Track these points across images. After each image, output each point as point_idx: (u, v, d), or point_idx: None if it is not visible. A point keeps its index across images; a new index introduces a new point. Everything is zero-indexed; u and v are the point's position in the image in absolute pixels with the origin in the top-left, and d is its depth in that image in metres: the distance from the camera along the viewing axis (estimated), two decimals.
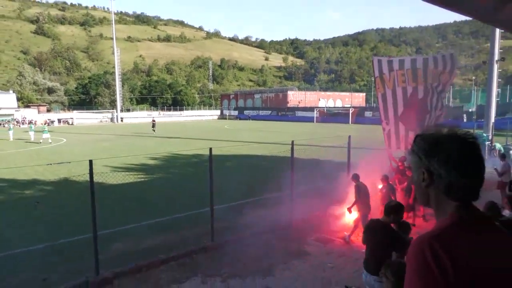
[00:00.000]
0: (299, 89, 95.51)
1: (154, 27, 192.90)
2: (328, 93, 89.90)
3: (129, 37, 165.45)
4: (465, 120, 41.80)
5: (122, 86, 79.30)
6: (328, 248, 7.83)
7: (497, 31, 18.23)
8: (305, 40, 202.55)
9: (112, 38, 73.71)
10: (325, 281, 6.32)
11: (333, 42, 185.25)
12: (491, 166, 11.86)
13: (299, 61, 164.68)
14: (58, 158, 18.91)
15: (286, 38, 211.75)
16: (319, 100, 78.27)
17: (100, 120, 65.75)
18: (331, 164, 13.05)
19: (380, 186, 8.92)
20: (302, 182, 11.13)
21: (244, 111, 75.06)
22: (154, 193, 12.41)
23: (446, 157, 1.24)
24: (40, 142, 27.86)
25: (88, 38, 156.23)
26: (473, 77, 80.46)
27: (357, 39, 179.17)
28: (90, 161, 6.50)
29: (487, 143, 18.11)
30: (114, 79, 73.44)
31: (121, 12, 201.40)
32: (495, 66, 18.86)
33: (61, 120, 60.82)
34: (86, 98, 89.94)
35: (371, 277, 4.45)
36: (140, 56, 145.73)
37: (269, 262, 7.07)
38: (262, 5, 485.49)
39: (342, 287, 5.97)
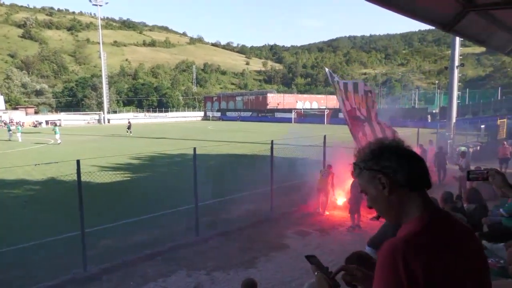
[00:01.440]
0: (278, 92, 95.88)
1: (140, 33, 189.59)
2: (305, 95, 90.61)
3: (115, 41, 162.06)
4: (429, 120, 42.90)
5: (109, 88, 77.64)
6: (306, 240, 7.90)
7: (457, 39, 18.78)
8: (283, 46, 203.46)
9: (99, 43, 72.10)
10: (303, 271, 6.37)
11: (309, 48, 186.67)
12: (454, 163, 12.27)
13: (278, 66, 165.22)
14: (46, 158, 18.37)
15: (265, 44, 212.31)
16: (297, 102, 78.79)
17: (88, 121, 64.16)
18: (308, 161, 13.16)
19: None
20: (281, 179, 11.19)
21: (227, 113, 74.84)
22: (141, 191, 12.21)
23: (390, 150, 1.26)
24: (57, 143, 27.17)
25: (75, 43, 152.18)
26: (436, 81, 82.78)
27: (331, 46, 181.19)
28: (78, 161, 6.34)
29: (449, 141, 18.66)
30: (101, 82, 71.83)
31: (107, 18, 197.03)
32: (456, 71, 19.44)
33: (49, 122, 58.93)
34: (73, 100, 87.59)
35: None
36: (126, 60, 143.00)
37: (251, 255, 7.07)
38: (243, 12, 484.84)
39: None
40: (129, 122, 38.70)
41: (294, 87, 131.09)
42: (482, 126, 24.26)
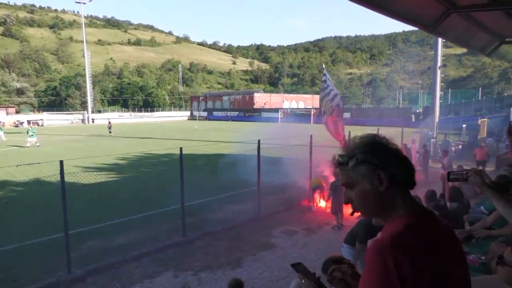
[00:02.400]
0: (265, 91, 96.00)
1: (125, 31, 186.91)
2: (291, 95, 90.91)
3: (99, 40, 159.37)
4: (413, 120, 43.63)
5: (93, 88, 76.34)
6: (293, 239, 7.93)
7: (440, 40, 19.16)
8: (269, 46, 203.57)
9: (82, 41, 70.80)
10: (290, 270, 6.38)
11: (295, 48, 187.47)
12: (437, 161, 12.50)
13: (264, 65, 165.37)
14: (28, 159, 17.94)
15: (252, 44, 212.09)
16: (283, 101, 79.00)
17: (71, 121, 62.90)
18: (295, 161, 13.21)
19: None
20: (268, 178, 11.21)
21: (213, 112, 74.56)
22: (126, 191, 12.06)
23: (386, 147, 1.26)
24: (28, 147, 24.64)
25: (58, 41, 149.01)
26: (420, 81, 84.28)
27: (317, 46, 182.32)
28: (61, 162, 6.22)
29: (432, 140, 19.03)
30: (85, 81, 70.54)
31: (91, 16, 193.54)
32: (438, 72, 19.83)
33: (31, 122, 57.55)
34: (56, 99, 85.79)
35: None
36: (111, 59, 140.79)
37: (239, 254, 7.07)
38: (229, 12, 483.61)
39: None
40: (109, 122, 38.00)
41: (280, 87, 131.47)
42: (464, 125, 24.83)
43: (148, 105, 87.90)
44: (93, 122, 63.00)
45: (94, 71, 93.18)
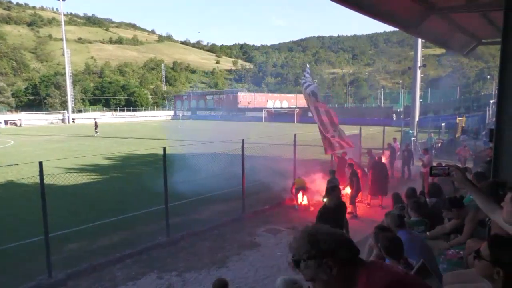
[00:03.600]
0: (249, 91, 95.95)
1: (106, 29, 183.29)
2: (275, 94, 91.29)
3: (79, 38, 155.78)
4: (394, 119, 44.45)
5: (74, 87, 74.64)
6: (278, 238, 7.96)
7: (419, 41, 19.58)
8: (253, 45, 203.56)
9: (62, 39, 69.09)
10: (275, 269, 6.42)
11: (279, 48, 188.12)
12: (417, 158, 12.78)
13: (248, 65, 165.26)
14: (5, 161, 17.42)
15: (236, 43, 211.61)
16: (267, 101, 79.21)
17: (51, 121, 61.32)
18: (279, 160, 13.27)
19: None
20: (252, 177, 11.22)
21: (197, 112, 74.06)
22: (108, 192, 11.84)
23: (322, 233, 1.41)
24: None
25: (36, 39, 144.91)
26: (401, 81, 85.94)
27: (301, 45, 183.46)
28: (40, 163, 6.06)
29: (413, 138, 19.44)
30: (65, 80, 68.86)
31: (71, 14, 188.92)
32: (418, 72, 20.27)
33: (8, 122, 55.89)
34: (35, 99, 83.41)
35: None
36: (92, 57, 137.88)
37: (223, 254, 7.05)
38: (213, 11, 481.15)
39: (289, 273, 6.10)
40: (96, 122, 37.37)
41: (264, 86, 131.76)
42: (443, 124, 25.46)
43: (131, 105, 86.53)
44: (73, 122, 61.65)
45: (74, 70, 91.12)
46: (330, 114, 11.30)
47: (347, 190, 10.04)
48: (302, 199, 10.21)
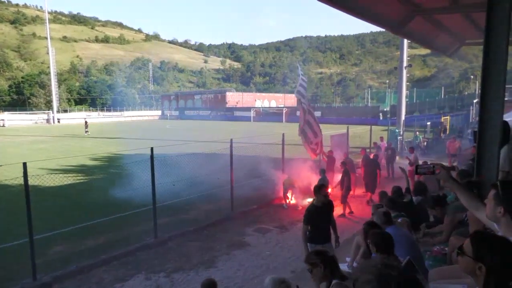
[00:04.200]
0: (237, 90, 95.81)
1: (92, 28, 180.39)
2: (263, 94, 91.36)
3: (64, 37, 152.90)
4: (381, 118, 44.98)
5: (59, 86, 73.25)
6: (267, 237, 7.97)
7: (405, 41, 19.85)
8: (241, 45, 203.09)
9: (46, 38, 67.77)
10: (264, 268, 6.43)
11: (267, 47, 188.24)
12: (404, 157, 12.96)
13: (236, 64, 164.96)
14: None
15: (224, 42, 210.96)
16: (255, 100, 79.23)
17: (35, 121, 60.09)
18: (268, 159, 13.28)
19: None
20: (241, 177, 11.21)
21: (185, 112, 73.59)
22: (95, 193, 11.66)
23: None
24: None
25: (20, 37, 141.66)
26: (387, 81, 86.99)
27: (289, 45, 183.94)
28: (24, 164, 5.93)
29: (399, 137, 19.71)
30: (49, 79, 67.56)
31: (55, 12, 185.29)
32: (404, 72, 20.55)
33: None
34: (19, 99, 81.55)
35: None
36: (77, 56, 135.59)
37: (212, 254, 7.02)
38: (201, 10, 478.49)
39: (279, 272, 6.13)
40: (86, 122, 36.92)
41: (252, 86, 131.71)
42: (428, 123, 25.87)
43: (118, 104, 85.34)
44: (58, 122, 60.57)
45: (59, 69, 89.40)
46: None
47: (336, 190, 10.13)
48: (290, 198, 10.26)
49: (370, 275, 1.29)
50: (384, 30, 8.86)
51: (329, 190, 9.73)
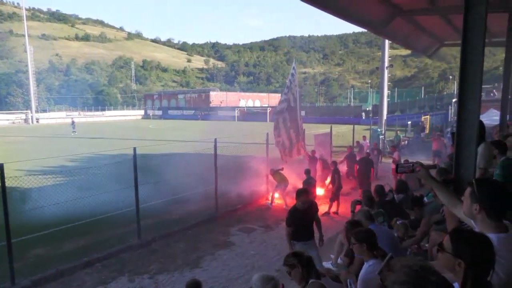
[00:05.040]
0: (221, 90, 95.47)
1: (72, 26, 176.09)
2: (247, 93, 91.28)
3: (43, 34, 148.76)
4: (363, 117, 45.64)
5: (37, 85, 71.32)
6: (251, 237, 7.98)
7: (386, 42, 20.20)
8: (225, 44, 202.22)
9: (24, 35, 65.83)
10: (249, 267, 6.44)
11: (251, 47, 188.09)
12: (388, 156, 13.20)
13: (220, 64, 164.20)
14: None
15: (207, 42, 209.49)
16: (240, 100, 79.14)
17: (13, 121, 58.33)
18: (252, 159, 13.29)
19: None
20: (225, 177, 11.16)
21: (168, 111, 72.82)
22: (75, 195, 11.40)
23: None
24: None
25: None
26: (369, 81, 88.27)
27: (272, 45, 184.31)
28: (1, 165, 5.75)
29: (381, 136, 20.04)
30: (27, 78, 65.65)
31: (33, 8, 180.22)
32: (385, 72, 20.91)
33: None
34: None
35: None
36: (57, 55, 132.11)
37: (197, 255, 6.98)
38: (184, 9, 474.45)
39: (264, 271, 6.14)
40: (73, 121, 36.16)
41: (236, 85, 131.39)
42: (409, 122, 26.42)
43: (99, 104, 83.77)
44: (37, 122, 58.96)
45: (37, 67, 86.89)
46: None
47: (320, 192, 10.25)
48: (275, 197, 10.24)
49: (405, 276, 1.22)
50: (366, 30, 9.01)
51: (318, 190, 9.86)
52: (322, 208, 9.19)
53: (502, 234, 1.80)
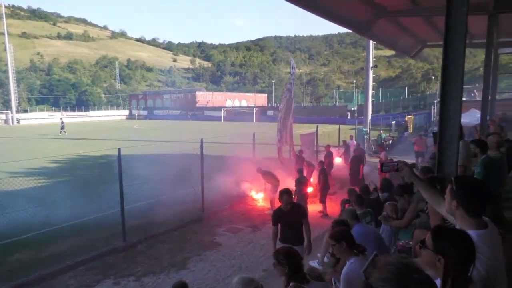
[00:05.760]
0: (207, 89, 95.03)
1: (54, 24, 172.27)
2: (234, 93, 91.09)
3: (24, 33, 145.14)
4: (349, 117, 46.12)
5: (18, 85, 69.64)
6: (238, 237, 7.97)
7: (371, 42, 20.47)
8: (211, 44, 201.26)
9: (3, 33, 64.13)
10: (236, 268, 6.43)
11: (237, 47, 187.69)
12: (374, 155, 13.38)
13: (206, 64, 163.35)
14: None
15: (193, 41, 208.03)
16: (226, 100, 78.92)
17: None
18: (238, 159, 13.27)
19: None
20: (212, 177, 11.12)
21: (154, 111, 72.08)
22: (58, 197, 11.17)
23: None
24: None
25: None
26: (354, 81, 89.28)
27: (259, 45, 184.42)
28: None
29: (366, 136, 20.30)
30: (7, 78, 63.95)
31: (13, 6, 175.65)
32: (370, 72, 21.19)
33: None
34: None
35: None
36: (38, 53, 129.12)
37: (183, 256, 6.93)
38: (169, 8, 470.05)
39: (251, 271, 6.15)
40: (62, 122, 35.82)
41: (223, 85, 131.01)
42: (393, 122, 26.83)
43: (82, 104, 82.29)
44: (18, 122, 57.53)
45: (18, 66, 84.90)
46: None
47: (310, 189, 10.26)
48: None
49: (388, 273, 1.23)
50: (351, 31, 9.13)
51: (309, 188, 9.87)
52: (313, 208, 9.25)
53: (482, 231, 1.84)
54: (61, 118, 40.27)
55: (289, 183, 9.31)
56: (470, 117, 17.77)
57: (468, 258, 1.57)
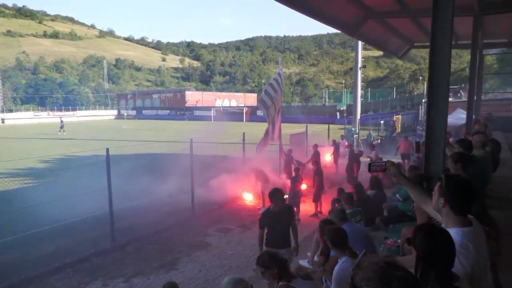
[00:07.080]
0: (197, 89, 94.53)
1: (40, 22, 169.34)
2: (223, 93, 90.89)
3: (9, 31, 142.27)
4: (338, 117, 46.45)
5: (3, 84, 68.29)
6: (228, 237, 7.96)
7: (359, 43, 20.67)
8: (200, 44, 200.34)
9: None
10: (226, 267, 6.43)
11: (226, 47, 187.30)
12: (365, 154, 13.50)
13: (196, 63, 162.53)
14: None
15: (182, 41, 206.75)
16: (216, 100, 78.67)
17: None
18: (228, 159, 13.27)
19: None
20: (202, 177, 11.09)
21: (143, 111, 71.42)
22: (45, 198, 10.98)
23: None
24: None
25: None
26: (343, 81, 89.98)
27: (248, 45, 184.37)
28: None
29: (355, 135, 20.49)
30: None
31: None
32: (359, 72, 21.40)
33: None
34: None
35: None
36: (24, 52, 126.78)
37: (173, 256, 6.90)
38: (158, 7, 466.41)
39: (241, 271, 6.15)
40: (61, 121, 35.56)
41: (212, 85, 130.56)
42: (382, 121, 27.12)
43: (70, 104, 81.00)
44: (3, 122, 56.39)
45: (3, 65, 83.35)
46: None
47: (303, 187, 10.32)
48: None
49: (372, 273, 1.24)
50: (340, 31, 9.21)
51: (303, 186, 9.90)
52: (304, 207, 9.29)
53: (466, 228, 1.88)
54: (60, 118, 39.73)
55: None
56: (456, 117, 18.09)
57: (442, 256, 1.61)
